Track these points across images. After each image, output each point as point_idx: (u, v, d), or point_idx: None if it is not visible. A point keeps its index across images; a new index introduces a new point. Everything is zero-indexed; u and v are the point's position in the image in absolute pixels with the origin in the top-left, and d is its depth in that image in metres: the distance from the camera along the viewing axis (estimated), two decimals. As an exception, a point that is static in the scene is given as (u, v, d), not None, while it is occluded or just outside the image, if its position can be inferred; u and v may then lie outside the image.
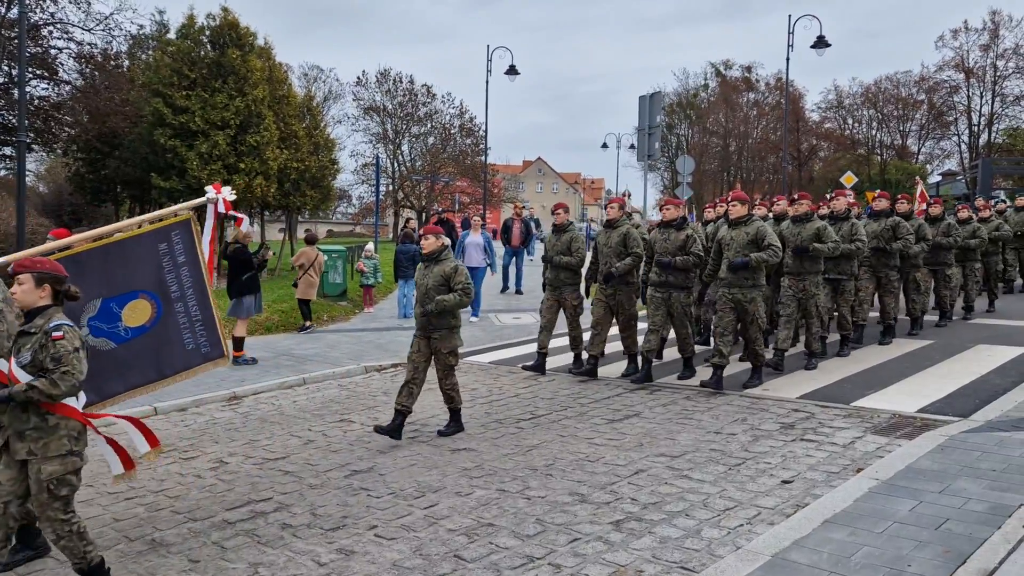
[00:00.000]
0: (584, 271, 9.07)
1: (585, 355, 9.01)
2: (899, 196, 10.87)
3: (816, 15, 24.60)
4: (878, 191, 10.41)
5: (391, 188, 47.82)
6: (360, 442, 6.73)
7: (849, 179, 30.79)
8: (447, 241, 7.15)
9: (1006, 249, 13.85)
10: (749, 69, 62.46)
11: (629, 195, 57.02)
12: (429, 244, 6.96)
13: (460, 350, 7.06)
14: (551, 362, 9.26)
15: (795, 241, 8.50)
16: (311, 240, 13.92)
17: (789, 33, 23.38)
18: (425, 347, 6.83)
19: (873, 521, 4.20)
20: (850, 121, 59.02)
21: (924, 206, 12.46)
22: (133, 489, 5.68)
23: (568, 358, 9.41)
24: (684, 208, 8.94)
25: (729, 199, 8.44)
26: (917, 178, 16.71)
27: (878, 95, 55.98)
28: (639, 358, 8.67)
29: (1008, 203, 15.17)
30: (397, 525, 4.83)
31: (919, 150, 57.10)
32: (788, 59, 23.94)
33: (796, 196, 9.19)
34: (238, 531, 4.88)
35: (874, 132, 58.23)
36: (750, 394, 7.68)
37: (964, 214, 11.47)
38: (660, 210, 8.15)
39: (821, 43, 23.37)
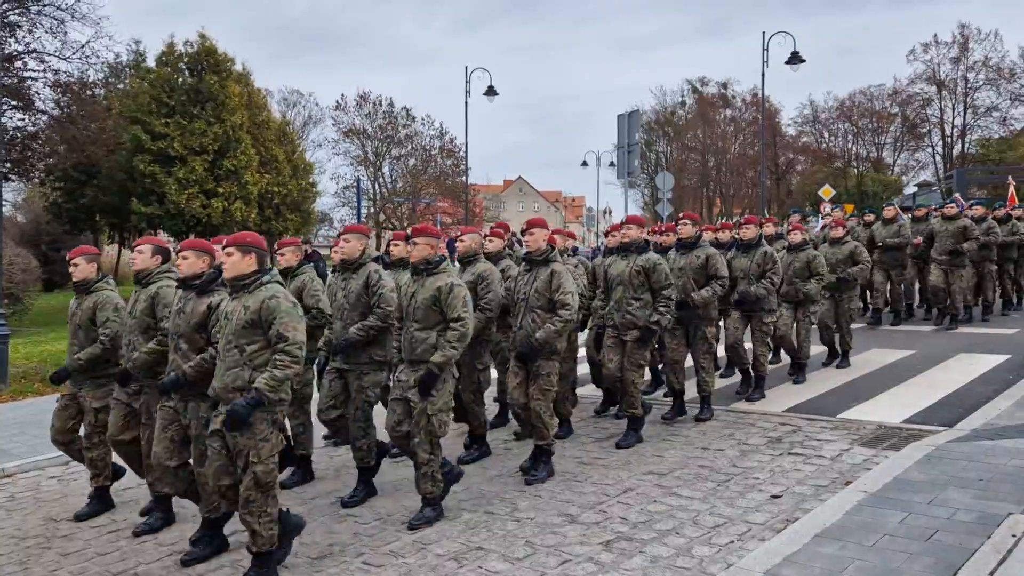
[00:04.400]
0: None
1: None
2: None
3: (791, 32, 24.90)
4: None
5: (372, 210, 47.87)
6: (346, 468, 6.64)
7: (827, 192, 31.13)
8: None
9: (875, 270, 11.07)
10: (725, 85, 63.31)
11: (610, 212, 57.20)
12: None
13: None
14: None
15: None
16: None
17: (764, 50, 23.71)
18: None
19: (863, 534, 4.19)
20: (826, 135, 59.98)
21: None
22: (115, 522, 5.58)
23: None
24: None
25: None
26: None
27: (852, 109, 56.92)
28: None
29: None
30: (385, 551, 4.76)
31: (895, 162, 58.01)
32: (764, 75, 24.28)
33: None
34: (223, 563, 4.79)
35: (850, 145, 59.14)
36: (736, 408, 7.69)
37: (797, 237, 8.63)
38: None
39: (795, 59, 23.69)
